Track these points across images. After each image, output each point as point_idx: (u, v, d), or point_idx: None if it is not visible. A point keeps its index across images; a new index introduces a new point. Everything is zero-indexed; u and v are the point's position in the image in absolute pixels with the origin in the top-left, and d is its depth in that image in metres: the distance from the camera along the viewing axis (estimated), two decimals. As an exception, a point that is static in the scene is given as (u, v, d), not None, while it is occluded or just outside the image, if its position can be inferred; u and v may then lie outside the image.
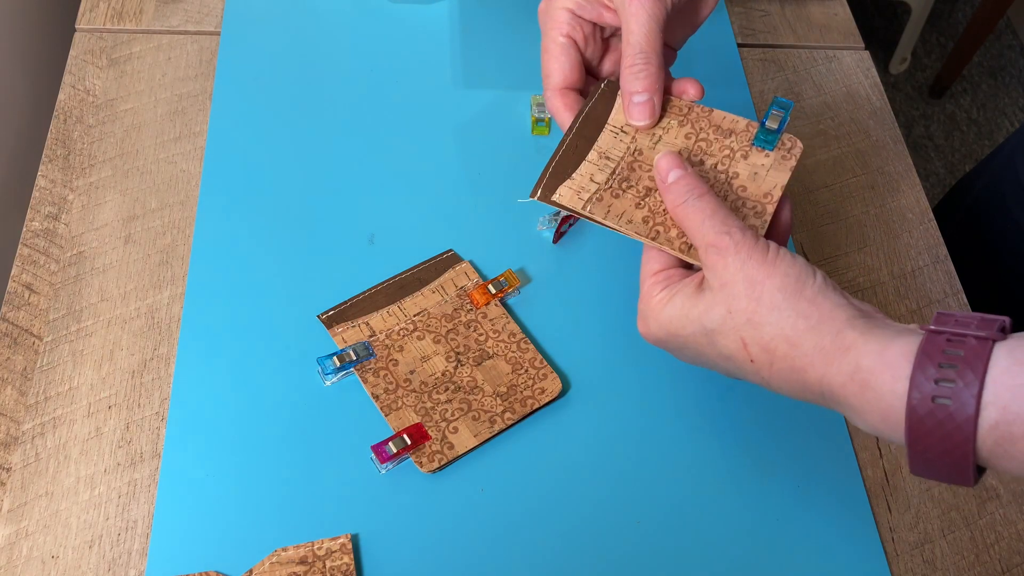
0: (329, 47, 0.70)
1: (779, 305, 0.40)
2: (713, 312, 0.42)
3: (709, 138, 0.49)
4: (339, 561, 0.48)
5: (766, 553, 0.51)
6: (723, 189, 0.48)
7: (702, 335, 0.42)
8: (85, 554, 0.48)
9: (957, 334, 0.36)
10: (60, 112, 0.65)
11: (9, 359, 0.54)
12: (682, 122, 0.50)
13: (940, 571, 0.52)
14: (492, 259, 0.60)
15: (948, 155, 1.86)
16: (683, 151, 0.49)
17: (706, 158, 0.49)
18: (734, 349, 0.41)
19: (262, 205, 0.61)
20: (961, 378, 0.35)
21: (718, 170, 0.49)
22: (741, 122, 0.50)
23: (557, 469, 0.52)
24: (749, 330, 0.41)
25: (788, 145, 0.49)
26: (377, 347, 0.55)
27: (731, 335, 0.41)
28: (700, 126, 0.50)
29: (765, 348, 0.40)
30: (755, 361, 0.41)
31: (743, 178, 0.48)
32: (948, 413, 0.35)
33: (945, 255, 0.64)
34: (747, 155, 0.49)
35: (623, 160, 0.49)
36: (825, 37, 0.76)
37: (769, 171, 0.49)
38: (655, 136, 0.49)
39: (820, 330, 0.39)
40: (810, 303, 0.40)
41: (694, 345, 0.43)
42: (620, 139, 0.49)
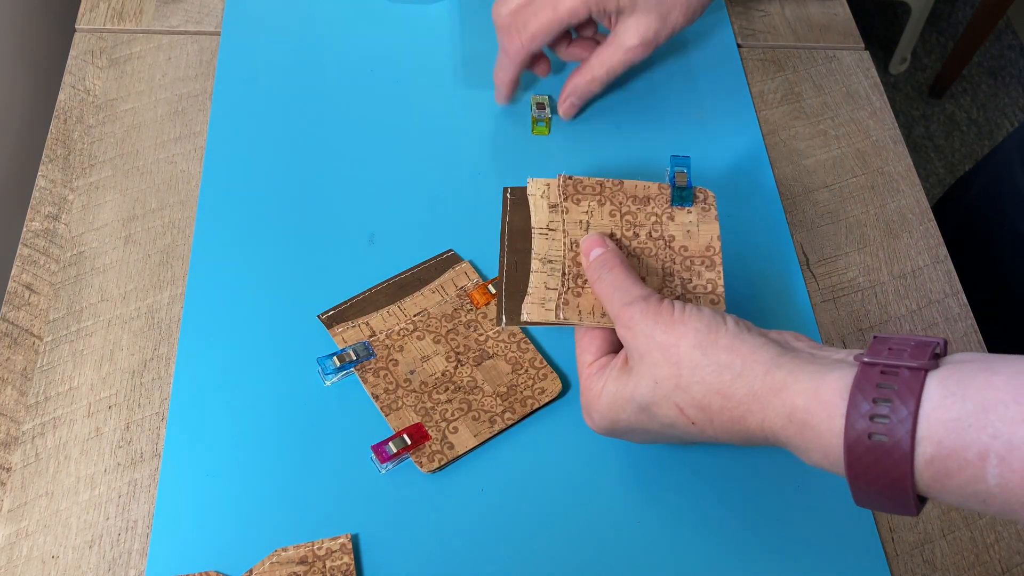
0: (329, 47, 0.70)
1: (699, 363, 0.40)
2: (641, 387, 0.42)
3: (632, 209, 0.51)
4: (339, 561, 0.48)
5: (766, 553, 0.51)
6: (667, 254, 0.50)
7: (640, 412, 0.43)
8: (85, 554, 0.48)
9: (890, 366, 0.36)
10: (60, 112, 0.65)
11: (9, 359, 0.54)
12: (600, 201, 0.51)
13: (940, 571, 0.52)
14: (492, 259, 0.60)
15: (948, 155, 1.86)
16: (614, 231, 0.50)
17: (638, 229, 0.50)
18: (673, 416, 0.42)
19: (262, 205, 0.61)
20: (895, 414, 0.35)
21: (653, 237, 0.50)
22: (652, 187, 0.51)
23: (557, 469, 0.52)
24: (680, 394, 0.41)
25: (702, 198, 0.51)
26: (377, 347, 0.55)
27: (664, 404, 0.41)
28: (618, 200, 0.51)
29: (701, 407, 0.40)
30: (696, 423, 0.41)
31: (680, 239, 0.50)
32: (885, 449, 0.35)
33: (945, 255, 0.64)
34: (673, 216, 0.51)
35: (565, 257, 0.49)
36: (825, 37, 0.76)
37: (699, 226, 0.50)
38: (583, 224, 0.50)
39: (747, 376, 0.39)
40: (728, 351, 0.40)
41: (638, 424, 0.44)
42: (552, 238, 0.50)
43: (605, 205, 0.50)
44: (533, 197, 0.51)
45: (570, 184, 0.51)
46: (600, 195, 0.51)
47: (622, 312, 0.43)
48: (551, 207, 0.51)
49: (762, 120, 0.70)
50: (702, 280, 0.49)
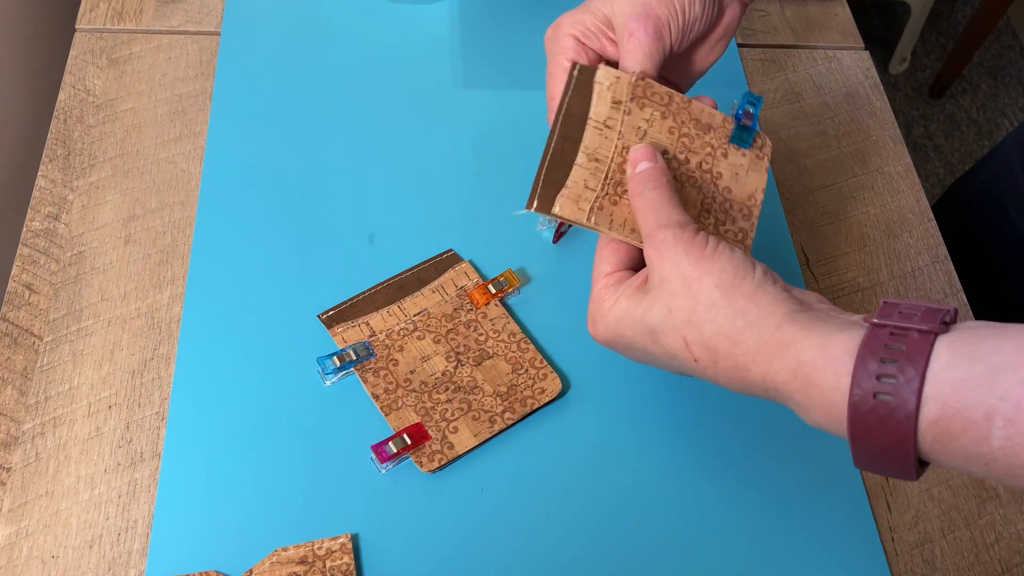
0: (329, 47, 0.70)
1: (716, 303, 0.40)
2: (654, 311, 0.41)
3: (691, 133, 0.49)
4: (339, 561, 0.48)
5: (766, 553, 0.51)
6: (710, 190, 0.48)
7: (646, 335, 0.42)
8: (85, 554, 0.48)
9: (900, 327, 0.36)
10: (60, 112, 0.65)
11: (9, 359, 0.54)
12: (664, 114, 0.49)
13: (940, 571, 0.52)
14: (492, 259, 0.60)
15: (948, 155, 1.86)
16: (668, 149, 0.48)
17: (691, 156, 0.49)
18: (677, 348, 0.41)
19: (262, 205, 0.61)
20: (902, 373, 0.34)
21: (703, 169, 0.48)
22: (717, 116, 0.50)
23: (557, 469, 0.52)
24: (689, 329, 0.40)
25: (760, 143, 0.50)
26: (377, 347, 0.55)
27: (673, 334, 0.41)
28: (681, 119, 0.49)
29: (706, 346, 0.40)
30: (698, 360, 0.41)
31: (726, 179, 0.49)
32: (889, 409, 0.35)
33: (945, 255, 0.64)
34: (727, 153, 0.49)
35: (612, 161, 0.47)
36: (825, 37, 0.76)
37: (748, 172, 0.49)
38: (640, 131, 0.48)
39: (760, 326, 0.39)
40: (748, 299, 0.40)
41: (640, 346, 0.43)
42: (606, 136, 0.48)
43: (667, 119, 0.49)
44: (599, 85, 0.48)
45: (640, 86, 0.48)
46: (666, 107, 0.49)
47: (655, 233, 0.42)
48: (614, 102, 0.48)
49: (762, 120, 0.70)
50: (735, 227, 0.48)
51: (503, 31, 0.72)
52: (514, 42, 0.72)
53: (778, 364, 0.38)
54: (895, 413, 0.35)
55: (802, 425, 0.55)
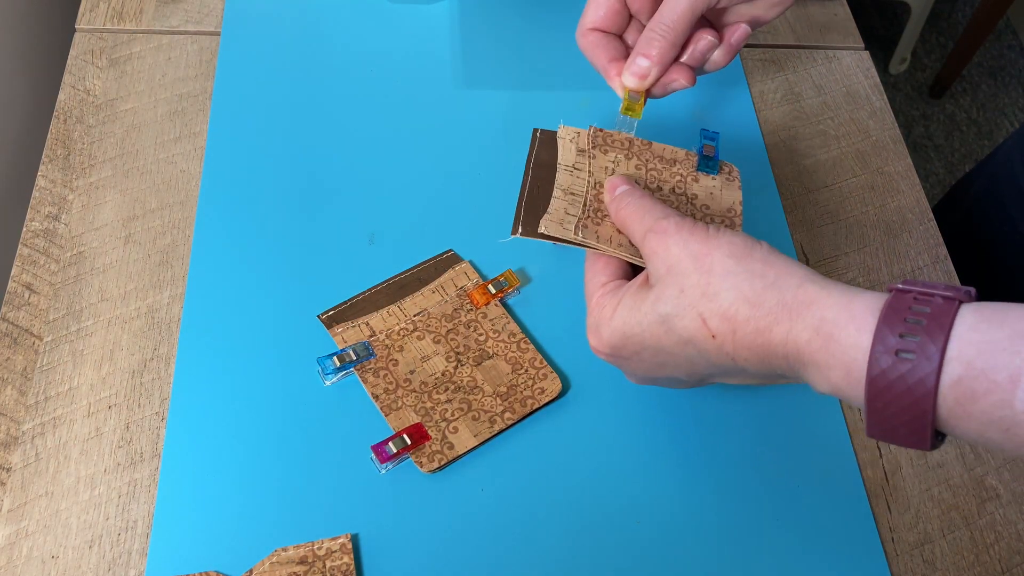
0: (329, 47, 0.70)
1: (732, 269, 0.39)
2: (664, 296, 0.41)
3: (658, 167, 0.51)
4: (339, 561, 0.48)
5: (766, 553, 0.51)
6: (688, 209, 0.49)
7: (657, 324, 0.41)
8: (85, 554, 0.48)
9: (924, 293, 0.36)
10: (60, 112, 0.65)
11: (9, 359, 0.54)
12: (628, 155, 0.51)
13: (940, 571, 0.52)
14: (492, 259, 0.60)
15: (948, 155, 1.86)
16: (639, 179, 0.50)
17: (662, 183, 0.50)
18: (693, 329, 0.40)
19: (262, 205, 0.61)
20: (926, 333, 0.34)
21: (677, 193, 0.50)
22: (680, 152, 0.52)
23: (557, 469, 0.52)
24: (705, 303, 0.40)
25: (727, 170, 0.51)
26: (377, 347, 0.55)
27: (688, 313, 0.40)
28: (645, 157, 0.51)
29: (725, 316, 0.39)
30: (717, 335, 0.40)
31: (702, 198, 0.50)
32: (911, 367, 0.34)
33: (945, 255, 0.64)
34: (697, 179, 0.51)
35: (588, 194, 0.49)
36: (825, 37, 0.76)
37: (722, 190, 0.50)
38: (608, 170, 0.50)
39: (780, 286, 0.39)
40: (764, 263, 0.39)
41: (651, 341, 0.42)
42: (577, 176, 0.50)
43: (632, 159, 0.50)
44: (562, 140, 0.51)
45: (600, 136, 0.51)
46: (628, 151, 0.51)
47: (655, 225, 0.42)
48: (579, 151, 0.50)
49: (762, 120, 0.70)
50: None
51: (503, 31, 0.72)
52: (514, 42, 0.72)
53: (801, 322, 0.38)
54: (916, 371, 0.34)
55: (803, 426, 0.55)
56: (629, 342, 0.43)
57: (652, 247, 0.42)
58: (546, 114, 0.67)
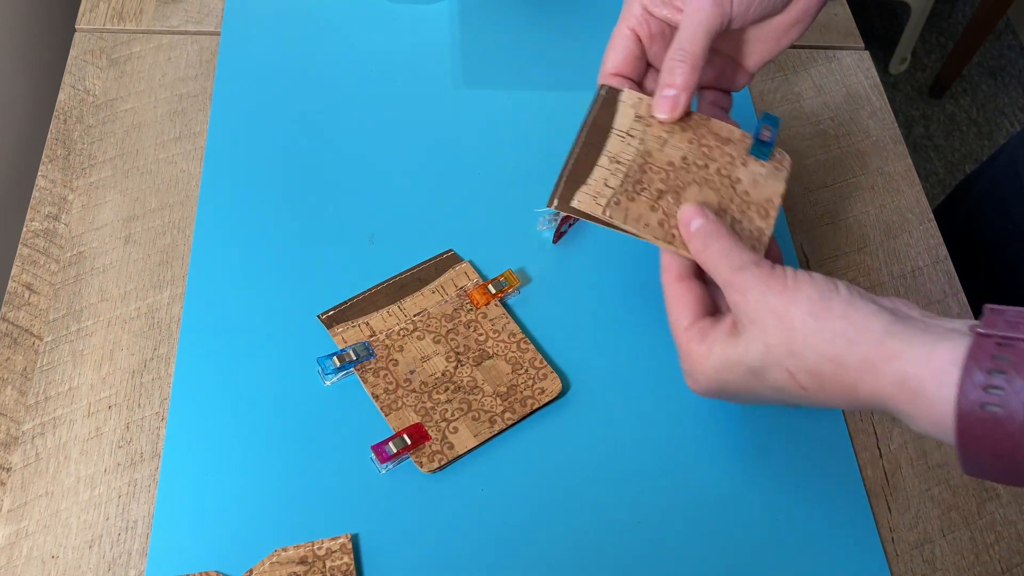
0: (329, 47, 0.70)
1: (813, 329, 0.40)
2: (752, 350, 0.42)
3: (711, 143, 0.51)
4: (339, 561, 0.48)
5: (766, 553, 0.51)
6: (728, 192, 0.49)
7: (750, 375, 0.43)
8: (85, 554, 0.48)
9: (1007, 338, 0.36)
10: (60, 112, 0.65)
11: (9, 359, 0.54)
12: (683, 128, 0.51)
13: (940, 571, 0.52)
14: (492, 259, 0.60)
15: (948, 155, 1.86)
16: (687, 155, 0.50)
17: (709, 162, 0.50)
18: (783, 381, 0.41)
19: (262, 205, 0.61)
20: (1010, 385, 0.34)
21: (722, 174, 0.50)
22: (736, 132, 0.51)
23: (557, 469, 0.52)
24: (792, 360, 0.41)
25: (779, 158, 0.51)
26: (377, 347, 0.55)
27: (776, 369, 0.41)
28: (700, 132, 0.51)
29: (812, 373, 0.40)
30: (806, 388, 0.41)
31: (745, 183, 0.50)
32: (998, 420, 0.34)
33: (945, 255, 0.64)
34: (746, 163, 0.51)
35: (634, 163, 0.49)
36: (825, 37, 0.76)
37: (767, 179, 0.50)
38: (661, 139, 0.50)
39: (861, 343, 0.39)
40: (842, 319, 0.40)
41: (745, 387, 0.43)
42: (628, 143, 0.50)
43: (687, 132, 0.51)
44: (623, 104, 0.51)
45: None
46: (685, 122, 0.51)
47: (733, 277, 0.43)
48: (637, 117, 0.51)
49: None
50: (752, 226, 0.49)
51: (503, 31, 0.72)
52: (514, 42, 0.72)
53: (884, 378, 0.38)
54: (1004, 424, 0.34)
55: (803, 426, 0.55)
56: (726, 388, 0.44)
57: (733, 299, 0.43)
58: (546, 114, 0.67)
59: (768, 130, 0.51)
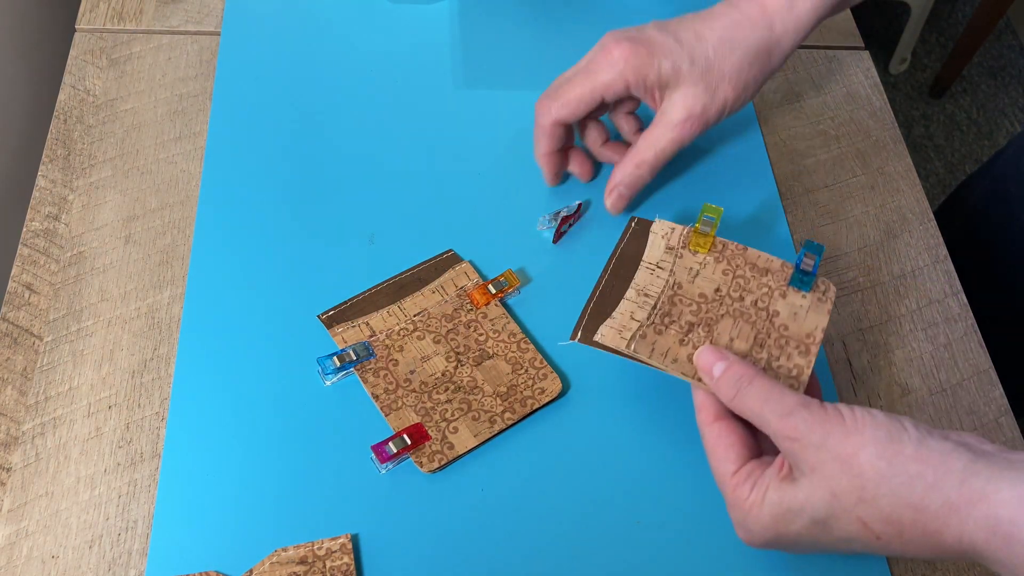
0: (329, 47, 0.70)
1: (885, 474, 0.37)
2: (815, 500, 0.39)
3: (746, 275, 0.49)
4: (339, 561, 0.48)
5: (766, 553, 0.51)
6: (765, 326, 0.48)
7: (813, 526, 0.39)
8: (85, 554, 0.48)
9: None
10: (60, 112, 0.65)
11: (9, 359, 0.54)
12: (718, 259, 0.49)
13: (940, 571, 0.52)
14: (492, 259, 0.60)
15: (948, 155, 1.86)
16: (721, 287, 0.49)
17: (745, 294, 0.48)
18: (854, 531, 0.38)
19: (262, 205, 0.61)
20: None
21: (758, 307, 0.48)
22: (776, 262, 0.50)
23: (557, 469, 0.52)
24: (864, 508, 0.38)
25: (823, 288, 0.49)
26: (377, 347, 0.55)
27: (845, 518, 0.38)
28: (736, 263, 0.49)
29: (889, 521, 0.37)
30: (881, 537, 0.38)
31: (784, 316, 0.48)
32: None
33: (945, 255, 0.64)
34: (785, 294, 0.49)
35: (663, 295, 0.48)
36: (825, 37, 0.76)
37: (808, 312, 0.48)
38: (693, 271, 0.49)
39: (942, 487, 0.36)
40: (917, 461, 0.37)
41: (808, 537, 0.40)
42: (657, 275, 0.49)
43: (721, 263, 0.49)
44: (654, 235, 0.51)
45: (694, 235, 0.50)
46: (720, 253, 0.49)
47: (782, 425, 0.40)
48: (668, 248, 0.50)
49: (762, 120, 0.70)
50: (790, 363, 0.46)
51: (503, 31, 0.72)
52: (514, 42, 0.72)
53: (972, 523, 0.36)
54: None
55: (802, 425, 0.55)
56: (783, 539, 0.41)
57: (787, 448, 0.40)
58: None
59: (811, 259, 0.48)
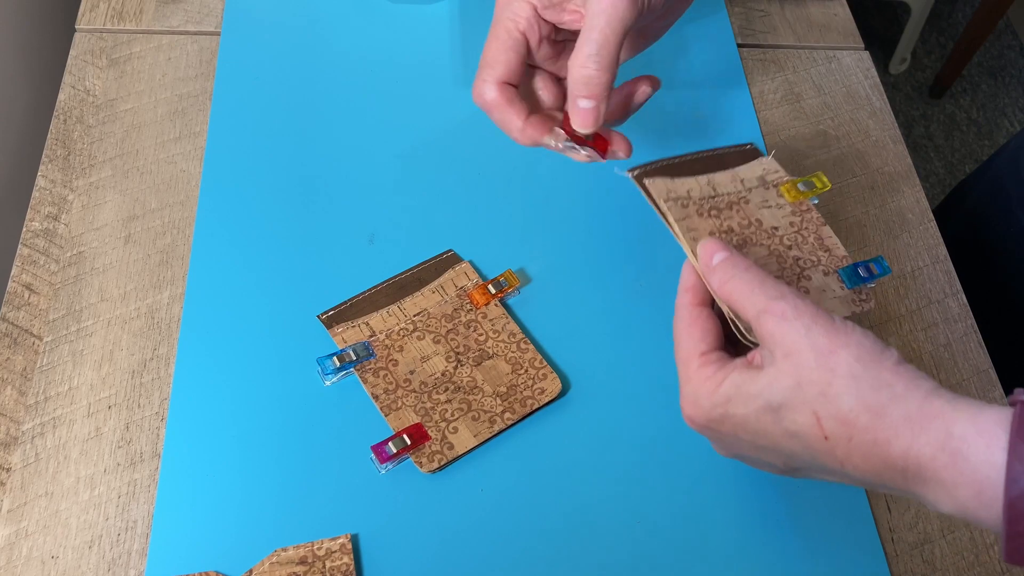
0: (329, 47, 0.70)
1: (858, 374, 0.37)
2: (778, 385, 0.38)
3: (808, 239, 0.49)
4: (339, 561, 0.48)
5: (766, 553, 0.51)
6: (792, 280, 0.47)
7: (764, 412, 0.39)
8: (85, 554, 0.48)
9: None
10: (60, 112, 0.65)
11: (9, 359, 0.54)
12: (795, 211, 0.49)
13: (940, 571, 0.52)
14: (492, 259, 0.60)
15: (948, 155, 1.86)
16: (780, 228, 0.48)
17: (794, 248, 0.48)
18: (804, 425, 0.38)
19: (262, 205, 0.61)
20: None
21: (798, 264, 0.48)
22: (841, 249, 0.50)
23: (557, 469, 0.52)
24: (823, 403, 0.37)
25: (864, 295, 0.49)
26: (377, 347, 0.55)
27: (802, 410, 0.38)
28: (807, 226, 0.49)
29: (843, 421, 0.37)
30: (830, 437, 0.38)
31: (812, 285, 0.48)
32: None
33: (945, 255, 0.64)
34: (828, 274, 0.49)
35: (726, 197, 0.48)
36: (825, 37, 0.76)
37: (835, 301, 0.48)
38: (767, 202, 0.49)
39: (906, 399, 0.36)
40: (892, 373, 0.37)
41: (755, 425, 0.40)
42: (735, 184, 0.49)
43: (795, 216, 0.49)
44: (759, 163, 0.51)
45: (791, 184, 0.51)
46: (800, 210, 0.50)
47: (771, 305, 0.39)
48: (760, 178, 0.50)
49: (762, 120, 0.70)
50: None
51: (503, 31, 0.72)
52: (514, 42, 0.72)
53: (924, 437, 0.35)
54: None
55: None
56: (730, 421, 0.41)
57: (768, 329, 0.39)
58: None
59: (873, 270, 0.49)
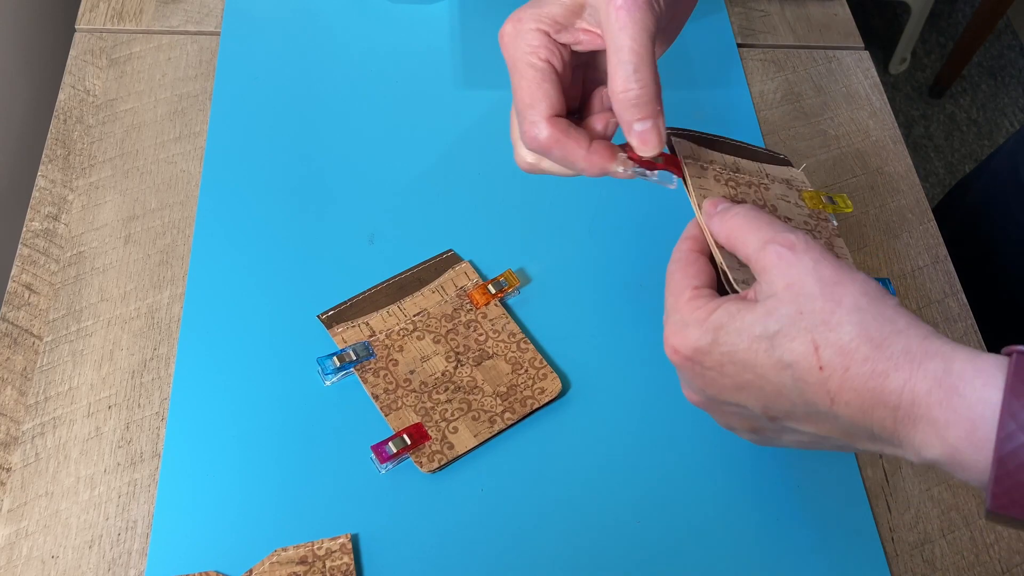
0: (329, 47, 0.70)
1: (863, 306, 0.37)
2: (777, 313, 0.38)
3: (819, 226, 0.49)
4: (339, 561, 0.48)
5: (766, 553, 0.51)
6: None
7: (760, 339, 0.38)
8: (85, 554, 0.48)
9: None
10: (60, 112, 0.65)
11: (9, 359, 0.54)
12: (812, 216, 0.49)
13: (940, 571, 0.52)
14: (492, 259, 0.60)
15: (948, 155, 1.86)
16: (792, 220, 0.48)
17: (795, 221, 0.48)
18: (801, 354, 0.37)
19: (262, 205, 0.61)
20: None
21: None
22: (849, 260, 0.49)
23: (557, 469, 0.52)
24: (823, 332, 0.37)
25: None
26: (377, 347, 0.55)
27: (800, 338, 0.37)
28: (820, 232, 0.49)
29: (842, 351, 0.36)
30: (825, 368, 0.37)
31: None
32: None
33: (945, 255, 0.64)
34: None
35: (749, 177, 0.48)
36: (825, 37, 0.76)
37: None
38: (787, 197, 0.49)
39: (908, 334, 0.36)
40: (895, 311, 0.37)
41: (744, 355, 0.39)
42: (759, 174, 0.49)
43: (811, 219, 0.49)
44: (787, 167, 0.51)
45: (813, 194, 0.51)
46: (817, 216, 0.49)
47: (780, 236, 0.39)
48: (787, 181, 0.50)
49: (762, 120, 0.70)
50: None
51: (503, 31, 0.72)
52: (514, 42, 0.72)
53: (922, 372, 0.35)
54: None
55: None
56: (718, 349, 0.39)
57: (771, 259, 0.39)
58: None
59: None
